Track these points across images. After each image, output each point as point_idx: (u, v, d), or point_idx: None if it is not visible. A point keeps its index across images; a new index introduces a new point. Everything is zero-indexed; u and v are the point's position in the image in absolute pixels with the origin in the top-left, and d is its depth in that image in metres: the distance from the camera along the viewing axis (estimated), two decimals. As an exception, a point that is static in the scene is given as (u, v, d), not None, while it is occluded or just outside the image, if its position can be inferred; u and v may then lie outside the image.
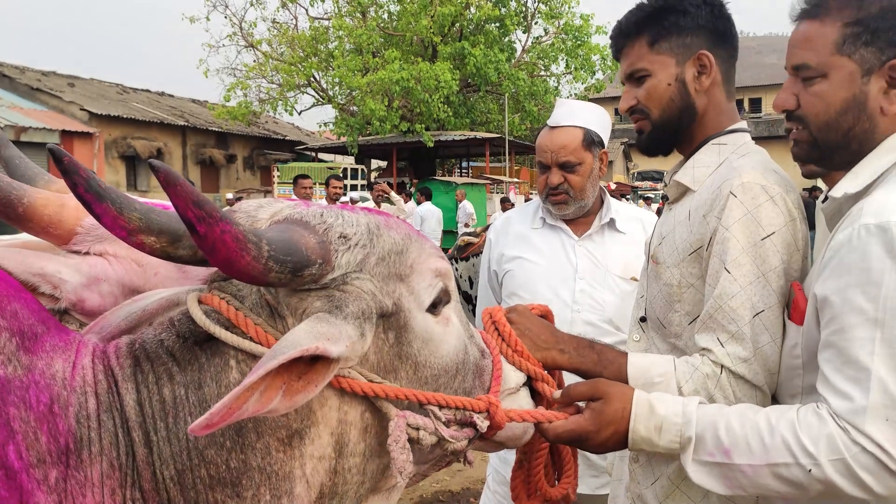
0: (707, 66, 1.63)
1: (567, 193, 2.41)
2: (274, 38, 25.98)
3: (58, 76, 27.25)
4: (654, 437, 1.34)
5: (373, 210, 1.20)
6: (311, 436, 1.04)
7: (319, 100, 26.08)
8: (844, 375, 1.22)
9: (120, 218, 0.97)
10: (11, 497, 0.90)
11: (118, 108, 25.27)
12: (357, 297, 1.05)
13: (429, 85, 21.31)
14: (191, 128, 27.49)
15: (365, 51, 23.43)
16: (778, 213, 1.49)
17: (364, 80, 21.78)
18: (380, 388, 1.07)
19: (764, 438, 1.26)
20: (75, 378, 0.99)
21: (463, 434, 1.19)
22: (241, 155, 29.72)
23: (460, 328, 1.25)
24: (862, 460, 1.18)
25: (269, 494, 1.01)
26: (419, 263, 1.16)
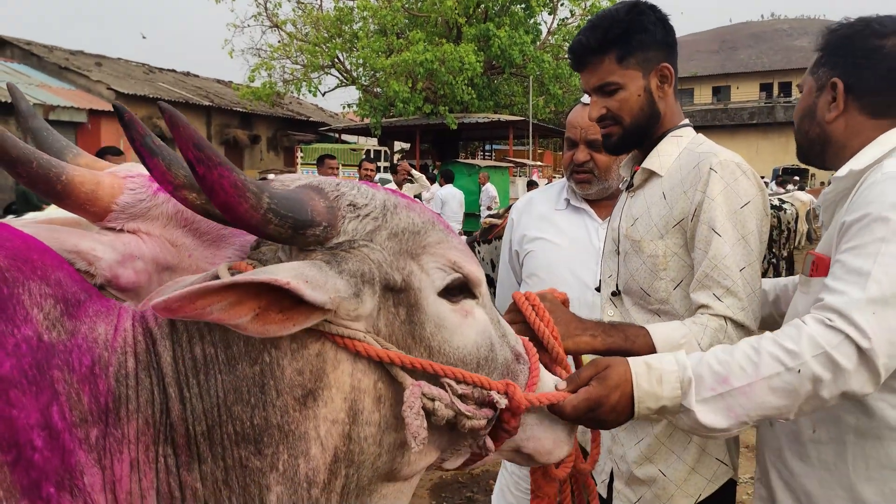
0: (668, 76, 1.89)
1: (592, 173, 2.45)
2: (298, 18, 25.95)
3: (85, 55, 27.48)
4: (657, 389, 1.41)
5: (400, 193, 1.23)
6: (324, 398, 1.07)
7: (343, 81, 26.07)
8: (845, 280, 1.39)
9: (168, 173, 1.06)
10: (54, 456, 0.94)
11: (144, 88, 25.45)
12: (360, 260, 1.08)
13: (453, 67, 21.20)
14: (215, 108, 27.62)
15: (389, 32, 23.34)
16: (751, 185, 1.75)
17: (388, 62, 21.71)
18: (395, 354, 1.10)
19: (752, 358, 1.39)
20: (116, 340, 1.04)
21: (481, 412, 1.18)
22: (265, 136, 29.83)
23: (487, 325, 1.25)
24: (843, 349, 1.32)
25: (286, 453, 1.05)
26: (435, 248, 1.18)
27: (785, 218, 11.25)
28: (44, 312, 0.98)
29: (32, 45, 25.55)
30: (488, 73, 24.93)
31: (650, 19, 1.86)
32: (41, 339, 0.96)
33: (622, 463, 1.91)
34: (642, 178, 1.93)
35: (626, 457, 1.89)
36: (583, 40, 1.87)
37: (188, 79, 31.37)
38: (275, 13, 26.06)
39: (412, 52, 21.06)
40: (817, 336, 1.34)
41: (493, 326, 1.28)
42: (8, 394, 0.91)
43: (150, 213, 1.27)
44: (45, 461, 0.93)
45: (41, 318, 0.97)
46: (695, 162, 1.80)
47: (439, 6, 22.60)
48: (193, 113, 26.61)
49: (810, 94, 1.70)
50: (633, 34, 1.83)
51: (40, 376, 0.94)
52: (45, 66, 24.45)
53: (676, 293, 1.81)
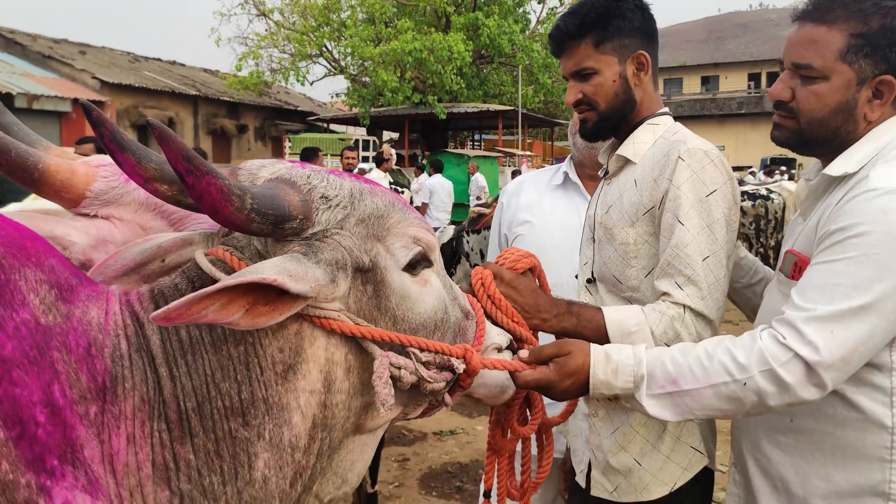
0: (644, 64, 1.88)
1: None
2: (286, 6, 25.78)
3: (69, 44, 27.20)
4: (611, 379, 1.51)
5: (362, 178, 1.31)
6: (302, 371, 1.17)
7: (331, 70, 25.95)
8: (808, 296, 1.42)
9: (138, 167, 1.12)
10: (56, 431, 1.01)
11: (130, 77, 25.23)
12: (333, 248, 1.17)
13: (442, 56, 21.13)
14: (202, 97, 27.43)
15: (377, 21, 23.23)
16: (718, 174, 1.74)
17: (376, 51, 21.61)
18: (366, 329, 1.21)
19: (704, 364, 1.45)
20: (108, 323, 1.11)
21: (441, 376, 1.31)
22: (253, 125, 29.66)
23: (441, 290, 1.38)
24: (790, 367, 1.37)
25: (271, 423, 1.15)
26: (397, 227, 1.28)
27: (773, 207, 11.28)
28: (40, 297, 1.04)
29: (15, 34, 25.24)
30: (477, 63, 24.87)
31: (629, 6, 1.86)
32: (38, 322, 1.02)
33: (599, 452, 1.91)
34: (617, 165, 1.93)
35: (602, 446, 1.91)
36: (561, 25, 1.88)
37: (174, 67, 31.11)
38: (262, 1, 25.88)
39: (401, 42, 20.97)
40: (767, 352, 1.39)
41: (446, 290, 1.40)
42: (11, 374, 0.97)
43: (122, 200, 1.34)
44: (48, 436, 1.00)
45: (37, 303, 1.04)
46: (666, 150, 1.80)
47: (428, -5, 22.50)
48: (180, 102, 26.43)
49: (848, 87, 1.54)
50: (610, 19, 1.83)
51: (41, 357, 1.01)
52: (28, 55, 24.17)
53: (647, 281, 1.81)
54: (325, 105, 33.97)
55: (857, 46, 1.51)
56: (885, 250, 1.37)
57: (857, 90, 1.53)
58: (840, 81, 1.54)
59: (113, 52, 29.02)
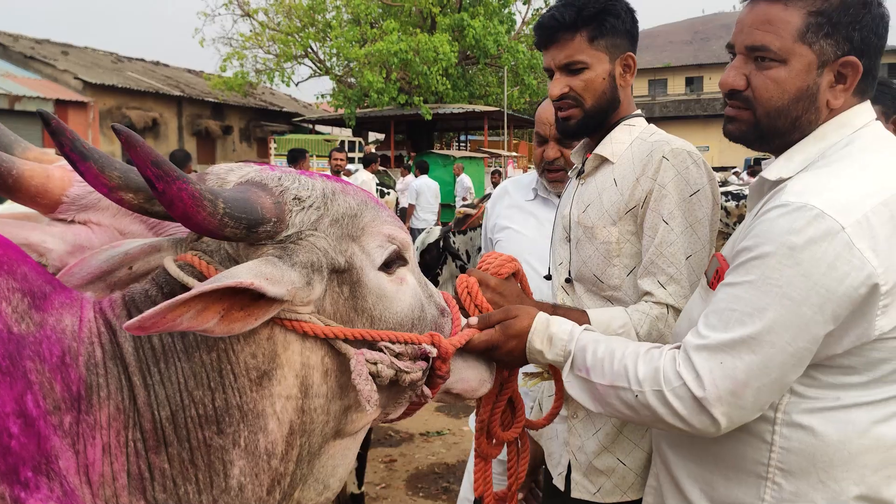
0: (631, 66, 1.89)
1: (563, 170, 2.42)
2: (271, 7, 25.69)
3: (52, 44, 26.96)
4: (545, 349, 1.53)
5: (333, 177, 1.30)
6: (277, 377, 1.15)
7: (317, 71, 25.88)
8: (707, 321, 1.34)
9: (101, 176, 1.08)
10: (30, 443, 0.99)
11: (113, 78, 25.04)
12: (308, 251, 1.16)
13: (427, 57, 21.13)
14: (186, 98, 27.26)
15: (363, 21, 23.20)
16: (701, 174, 1.76)
17: (362, 52, 21.57)
18: (338, 330, 1.20)
19: (613, 364, 1.43)
20: (83, 330, 1.09)
21: (416, 366, 1.30)
22: (238, 126, 29.52)
23: (417, 288, 1.38)
24: (679, 393, 1.32)
25: (246, 430, 1.13)
26: (372, 227, 1.27)
27: (757, 207, 11.37)
28: (12, 306, 1.02)
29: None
30: (463, 64, 24.89)
31: (623, 6, 1.87)
32: (11, 331, 1.00)
33: (580, 454, 1.90)
34: (594, 164, 1.93)
35: (584, 448, 1.90)
36: (556, 15, 1.84)
37: (158, 68, 30.91)
38: (246, 2, 25.78)
39: (386, 42, 20.95)
40: (661, 373, 1.36)
41: (421, 288, 1.40)
42: None
43: (99, 204, 1.30)
44: (22, 447, 0.98)
45: (10, 312, 1.01)
46: (648, 150, 1.81)
47: (413, -4, 22.50)
48: (164, 103, 26.26)
49: (808, 71, 1.36)
50: (606, 17, 1.83)
51: (13, 367, 0.98)
52: (9, 56, 23.95)
53: (629, 280, 1.82)
54: (311, 106, 33.86)
55: (817, 25, 1.34)
56: (785, 276, 1.24)
57: (818, 74, 1.36)
58: (800, 65, 1.36)
59: (96, 53, 28.80)
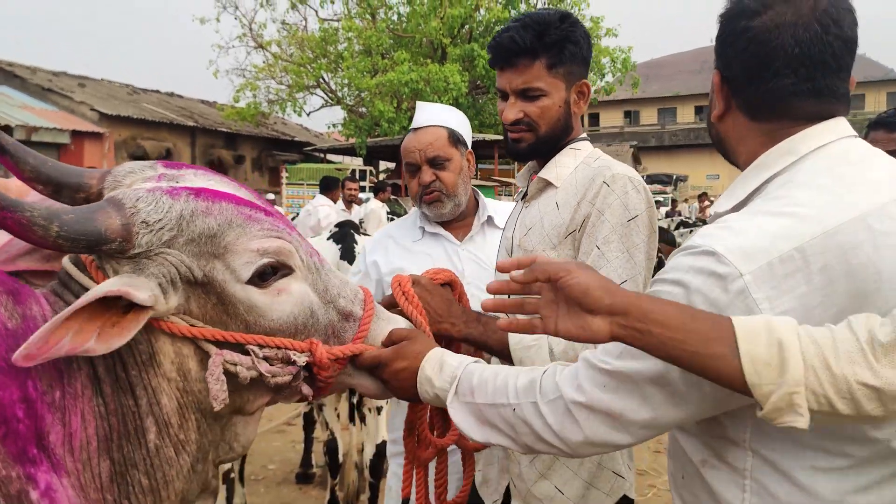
0: (585, 93, 1.91)
1: (441, 192, 2.40)
2: (283, 39, 26.03)
3: (69, 76, 27.38)
4: (434, 376, 1.48)
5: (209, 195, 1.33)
6: (158, 361, 1.30)
7: (328, 101, 26.13)
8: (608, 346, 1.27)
9: (17, 167, 1.29)
10: (32, 423, 1.15)
11: (128, 109, 25.36)
12: (159, 265, 1.26)
13: (438, 87, 21.30)
14: (200, 128, 27.56)
15: (374, 52, 23.44)
16: (640, 200, 1.77)
17: (373, 82, 21.78)
18: (197, 330, 1.31)
19: (496, 382, 1.39)
20: (47, 315, 1.24)
21: (287, 370, 1.38)
22: (250, 156, 29.76)
23: (305, 296, 1.42)
24: (553, 405, 1.27)
25: (150, 402, 1.29)
26: (236, 244, 1.32)
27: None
28: (3, 306, 1.18)
29: (14, 66, 25.41)
30: (473, 93, 25.07)
31: (581, 32, 1.86)
32: (7, 327, 1.17)
33: (519, 481, 1.90)
34: (538, 188, 1.94)
35: (522, 475, 1.89)
36: (517, 38, 1.82)
37: (172, 99, 31.30)
38: (259, 34, 26.16)
39: (397, 73, 21.16)
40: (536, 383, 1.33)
41: (318, 294, 1.45)
42: None
43: None
44: (27, 428, 1.14)
45: (3, 311, 1.18)
46: (590, 175, 1.83)
47: (424, 27, 22.76)
48: (178, 133, 26.55)
49: (712, 89, 1.40)
50: (566, 44, 1.83)
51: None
52: (27, 88, 24.31)
53: None
54: (322, 135, 34.12)
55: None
56: None
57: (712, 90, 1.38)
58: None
59: (112, 85, 29.21)
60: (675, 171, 37.87)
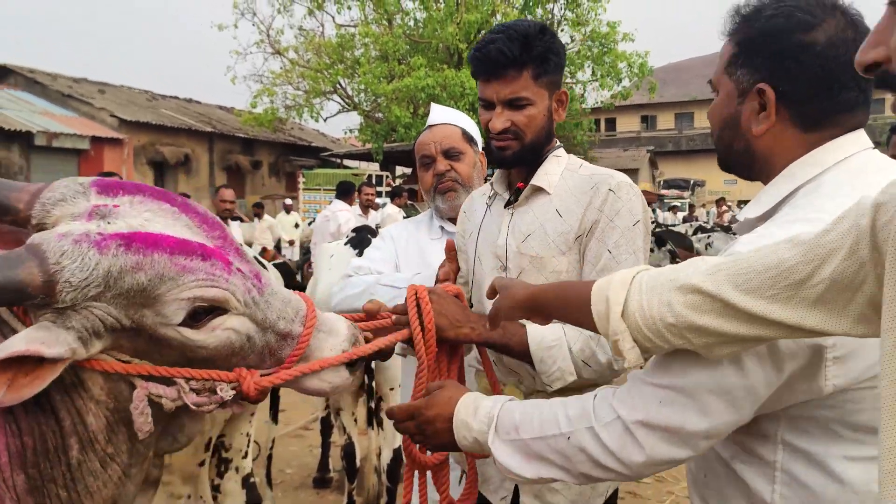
0: (564, 101, 1.98)
1: (456, 181, 2.46)
2: (300, 45, 26.17)
3: (89, 83, 27.68)
4: (470, 419, 1.45)
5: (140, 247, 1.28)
6: (87, 385, 1.32)
7: (345, 106, 26.23)
8: None
9: None
10: None
11: (147, 115, 25.59)
12: (84, 317, 1.24)
13: (454, 92, 21.34)
14: (218, 134, 27.76)
15: (391, 58, 23.52)
16: (641, 205, 1.88)
17: (389, 87, 21.85)
18: (121, 366, 1.31)
19: (542, 415, 1.37)
20: None
21: (214, 399, 1.40)
22: (267, 161, 29.94)
23: (243, 326, 1.41)
24: (611, 427, 1.26)
25: (73, 423, 1.31)
26: (167, 296, 1.30)
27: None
28: None
29: (36, 73, 25.73)
30: (489, 98, 25.05)
31: (559, 42, 1.93)
32: None
33: None
34: (527, 195, 1.98)
35: None
36: (504, 50, 1.85)
37: (191, 105, 31.55)
38: (277, 40, 26.30)
39: (413, 78, 21.21)
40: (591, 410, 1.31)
41: (257, 322, 1.43)
42: None
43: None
44: None
45: None
46: (590, 183, 1.91)
47: (440, 32, 22.81)
48: (196, 139, 26.75)
49: (730, 100, 1.39)
50: (549, 55, 1.89)
51: None
52: (48, 94, 24.61)
53: None
54: (339, 141, 34.27)
55: (735, 56, 1.37)
56: None
57: (738, 102, 1.38)
58: (723, 94, 1.41)
59: (131, 91, 29.49)
60: (692, 176, 37.63)
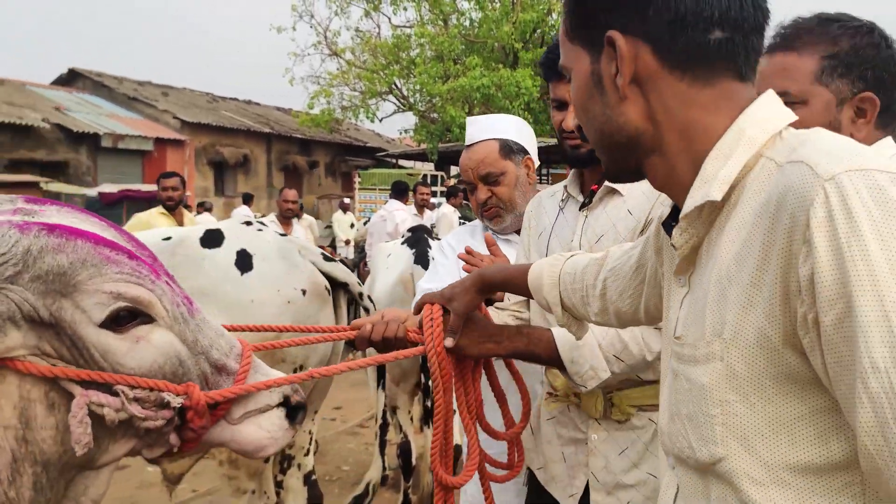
0: None
1: (498, 207, 2.45)
2: (357, 46, 26.44)
3: (153, 86, 28.48)
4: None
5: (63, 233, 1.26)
6: None
7: (400, 107, 26.39)
8: None
9: None
10: None
11: (208, 116, 26.21)
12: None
13: (509, 92, 21.26)
14: (276, 135, 28.26)
15: (446, 58, 23.57)
16: None
17: (445, 87, 21.90)
18: (60, 369, 1.22)
19: None
20: None
21: (160, 414, 1.29)
22: (323, 161, 30.35)
23: (171, 346, 1.34)
24: None
25: None
26: (87, 284, 1.24)
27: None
28: None
29: (103, 77, 26.62)
30: (545, 98, 24.91)
31: None
32: None
33: (604, 473, 1.90)
34: (601, 196, 1.97)
35: (609, 466, 1.90)
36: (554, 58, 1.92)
37: (250, 107, 32.19)
38: (334, 42, 26.63)
39: (469, 78, 21.20)
40: None
41: (187, 344, 1.36)
42: None
43: None
44: None
45: None
46: None
47: (496, 32, 22.76)
48: (254, 140, 27.28)
49: (828, 108, 1.52)
50: None
51: None
52: (114, 97, 25.44)
53: None
54: (394, 141, 34.51)
55: (831, 67, 1.50)
56: None
57: (838, 111, 1.51)
58: (819, 104, 1.51)
59: (193, 93, 30.25)
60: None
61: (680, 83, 0.96)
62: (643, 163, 1.03)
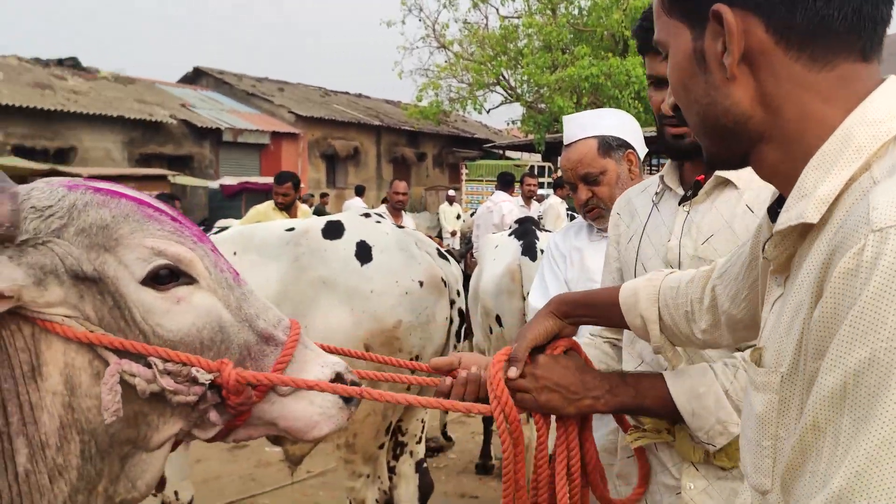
0: None
1: (599, 207, 2.39)
2: (465, 38, 26.53)
3: (269, 82, 29.63)
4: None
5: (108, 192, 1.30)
6: (43, 373, 1.21)
7: (508, 98, 26.32)
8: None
9: None
10: None
11: (321, 110, 27.02)
12: (43, 254, 1.20)
13: (619, 80, 20.81)
14: (385, 127, 28.81)
15: (554, 48, 23.31)
16: None
17: (552, 77, 21.68)
18: (94, 336, 1.21)
19: None
20: None
21: (192, 390, 1.26)
22: (431, 153, 30.69)
23: (212, 310, 1.32)
24: None
25: (24, 420, 1.20)
26: (129, 239, 1.26)
27: None
28: None
29: (224, 74, 27.90)
30: (656, 86, 24.24)
31: None
32: None
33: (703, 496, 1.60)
34: (709, 188, 1.67)
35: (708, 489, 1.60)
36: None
37: (360, 100, 32.94)
38: (442, 34, 26.83)
39: (577, 67, 20.90)
40: None
41: (231, 310, 1.34)
42: None
43: None
44: None
45: None
46: None
47: (605, 20, 22.31)
48: (364, 132, 27.91)
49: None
50: None
51: None
52: (234, 93, 26.62)
53: None
54: (501, 132, 34.46)
55: None
56: None
57: None
58: None
59: (307, 88, 31.24)
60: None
61: (795, 63, 0.82)
62: (750, 151, 0.91)
